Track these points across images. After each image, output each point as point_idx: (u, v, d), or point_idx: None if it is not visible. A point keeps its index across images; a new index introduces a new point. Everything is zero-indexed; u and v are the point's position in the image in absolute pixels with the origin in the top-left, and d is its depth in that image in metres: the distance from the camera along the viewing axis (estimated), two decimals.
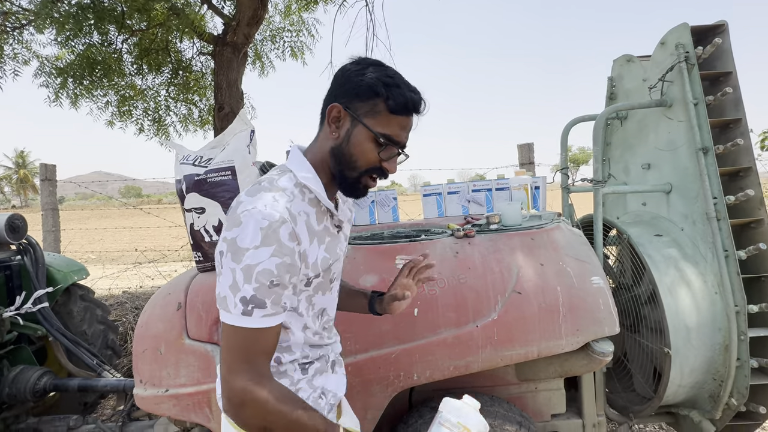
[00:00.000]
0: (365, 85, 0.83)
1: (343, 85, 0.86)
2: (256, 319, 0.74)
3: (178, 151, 1.66)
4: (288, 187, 0.84)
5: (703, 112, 1.55)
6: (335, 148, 0.87)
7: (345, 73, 0.86)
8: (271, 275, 0.73)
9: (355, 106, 0.84)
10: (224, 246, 0.74)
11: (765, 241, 1.47)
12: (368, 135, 0.84)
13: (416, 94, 0.86)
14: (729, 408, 1.53)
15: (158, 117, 4.27)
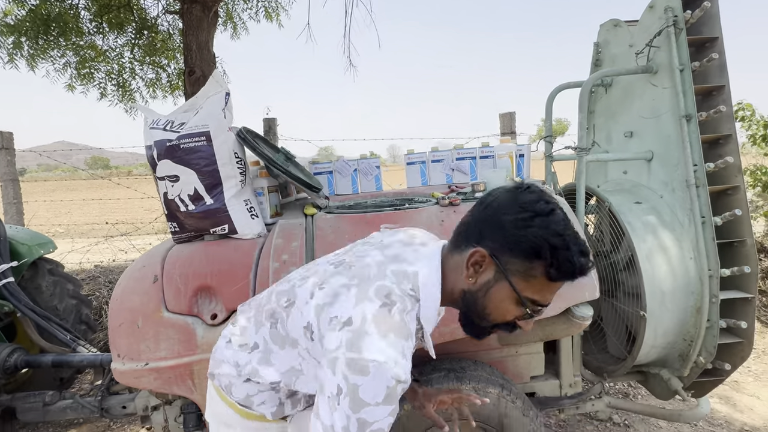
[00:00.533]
0: (527, 243, 0.72)
1: (497, 230, 0.76)
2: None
3: (147, 115, 1.55)
4: (413, 330, 0.76)
5: (689, 79, 1.55)
6: (469, 293, 0.81)
7: (501, 216, 0.76)
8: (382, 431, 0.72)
9: (505, 259, 0.75)
10: (344, 384, 0.69)
11: (740, 207, 1.51)
12: (512, 295, 0.76)
13: (586, 256, 0.74)
14: (697, 366, 1.62)
15: (122, 81, 3.98)
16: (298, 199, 2.02)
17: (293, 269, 1.45)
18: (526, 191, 0.78)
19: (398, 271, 0.81)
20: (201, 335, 1.47)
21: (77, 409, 2.01)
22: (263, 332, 0.93)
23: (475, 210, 0.83)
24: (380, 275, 0.80)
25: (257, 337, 0.94)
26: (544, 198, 0.76)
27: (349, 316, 0.74)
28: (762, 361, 2.86)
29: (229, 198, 1.49)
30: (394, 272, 0.80)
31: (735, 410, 2.34)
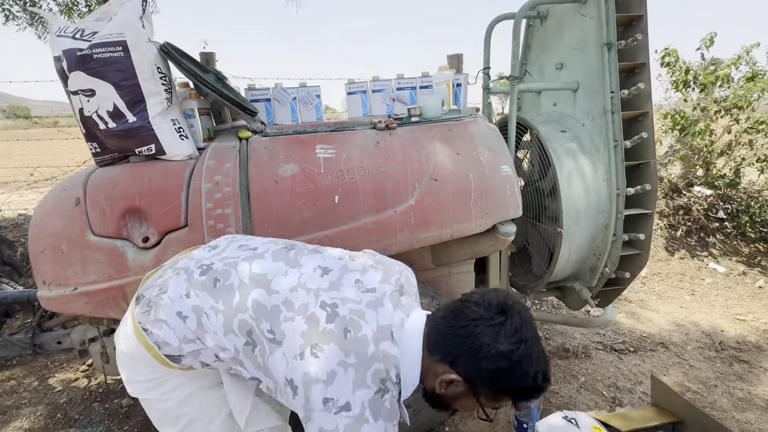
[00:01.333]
0: (502, 389, 0.82)
1: (475, 369, 0.81)
2: None
3: (52, 22, 1.40)
4: (398, 413, 0.85)
5: (612, 7, 1.62)
6: (438, 394, 0.87)
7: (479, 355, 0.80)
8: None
9: (481, 390, 0.83)
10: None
11: (648, 131, 1.65)
12: (475, 404, 0.85)
13: (547, 380, 0.82)
14: (603, 276, 1.83)
15: (30, 1, 3.47)
16: (234, 126, 1.95)
17: (227, 190, 1.45)
18: (504, 324, 0.80)
19: (388, 353, 0.84)
20: (132, 258, 1.44)
21: (6, 347, 1.93)
22: (235, 342, 0.89)
23: (454, 320, 0.85)
24: (376, 356, 0.82)
25: (226, 341, 0.90)
26: (520, 334, 0.80)
27: (347, 401, 0.78)
28: (665, 284, 3.27)
29: (154, 116, 1.42)
30: (385, 354, 0.83)
31: (638, 322, 2.70)
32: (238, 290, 0.91)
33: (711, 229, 3.86)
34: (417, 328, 0.89)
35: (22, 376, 2.21)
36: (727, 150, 3.81)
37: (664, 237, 3.79)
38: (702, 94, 3.75)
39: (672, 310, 2.87)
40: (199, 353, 0.93)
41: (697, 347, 2.40)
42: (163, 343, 0.92)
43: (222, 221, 1.43)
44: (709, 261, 3.57)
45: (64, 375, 2.21)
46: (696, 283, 3.26)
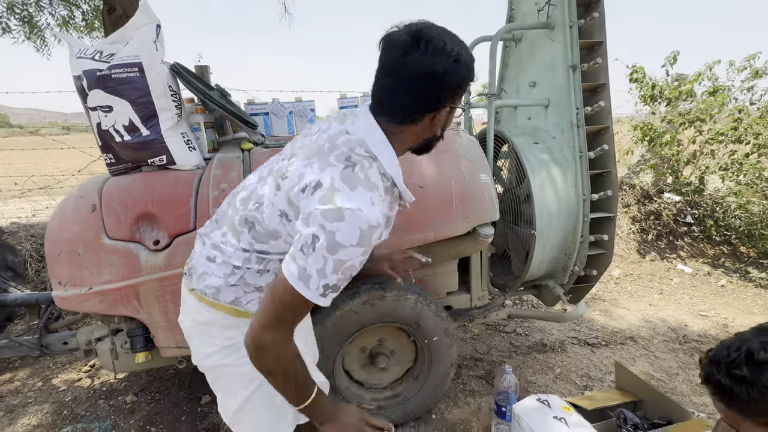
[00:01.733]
0: (469, 77, 0.86)
1: (451, 89, 0.85)
2: (328, 299, 0.83)
3: (73, 44, 1.54)
4: (379, 184, 0.86)
5: (576, 34, 1.82)
6: (432, 137, 0.94)
7: (444, 74, 0.81)
8: (354, 269, 0.82)
9: (455, 101, 0.89)
10: (321, 233, 0.78)
11: (608, 144, 1.86)
12: (453, 112, 0.91)
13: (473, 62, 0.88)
14: (573, 274, 2.01)
15: (28, 16, 3.57)
16: (235, 138, 2.09)
17: None
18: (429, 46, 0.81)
19: (348, 140, 0.88)
20: (144, 259, 1.57)
21: (14, 348, 2.02)
22: (245, 238, 0.97)
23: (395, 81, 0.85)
24: (334, 147, 0.87)
25: (243, 244, 0.97)
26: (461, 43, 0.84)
27: (318, 179, 0.82)
28: (636, 284, 3.50)
29: (166, 129, 1.56)
30: (344, 142, 0.87)
31: (610, 319, 2.90)
32: (230, 207, 1.03)
33: (679, 233, 4.12)
34: (364, 112, 0.92)
35: (26, 377, 2.29)
36: (693, 159, 4.09)
37: (636, 240, 4.04)
38: (668, 107, 4.03)
39: (642, 307, 3.09)
40: (243, 279, 0.99)
41: (662, 341, 2.61)
42: (216, 291, 1.00)
43: None
44: (677, 262, 3.81)
45: (67, 375, 2.30)
46: (665, 283, 3.50)
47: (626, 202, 4.37)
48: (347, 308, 1.67)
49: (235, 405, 1.10)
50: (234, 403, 1.10)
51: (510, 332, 2.70)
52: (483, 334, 2.70)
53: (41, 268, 3.19)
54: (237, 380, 1.07)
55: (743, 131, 3.68)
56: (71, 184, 5.21)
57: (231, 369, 1.07)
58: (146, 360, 1.76)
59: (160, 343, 1.67)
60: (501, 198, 2.18)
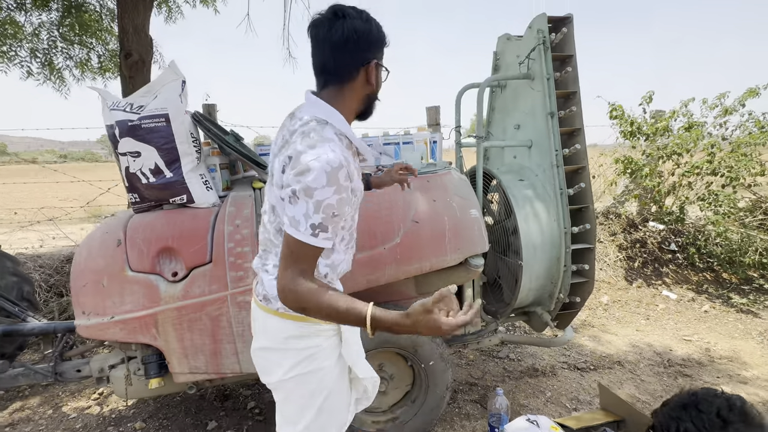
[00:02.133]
0: (382, 39, 1.04)
1: (371, 44, 1.02)
2: (320, 240, 0.95)
3: (106, 97, 1.74)
4: (334, 138, 0.98)
5: (552, 85, 2.05)
6: (371, 94, 1.08)
7: (363, 32, 0.99)
8: (333, 207, 0.93)
9: (377, 56, 1.04)
10: (297, 185, 0.92)
11: (585, 182, 2.05)
12: (383, 70, 1.08)
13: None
14: (559, 301, 2.17)
15: (49, 60, 3.82)
16: (246, 177, 2.27)
17: (245, 231, 1.75)
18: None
19: (301, 123, 1.01)
20: (164, 290, 1.71)
21: (29, 376, 2.11)
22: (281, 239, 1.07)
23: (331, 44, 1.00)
24: (293, 133, 1.01)
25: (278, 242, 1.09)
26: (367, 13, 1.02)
27: (287, 155, 0.97)
28: (624, 310, 3.64)
29: (187, 172, 1.73)
30: (300, 126, 1.01)
31: (599, 344, 3.03)
32: (263, 233, 1.17)
33: (664, 260, 4.30)
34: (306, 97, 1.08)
35: (37, 405, 2.36)
36: (673, 190, 4.33)
37: (623, 268, 4.21)
38: (647, 141, 4.30)
39: (629, 333, 3.22)
40: None
41: (648, 365, 2.73)
42: (275, 298, 1.08)
43: (241, 258, 1.72)
44: (662, 289, 3.97)
45: (77, 403, 2.37)
46: (651, 309, 3.64)
47: (613, 230, 4.57)
48: None
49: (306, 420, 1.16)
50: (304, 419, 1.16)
51: (503, 358, 2.81)
52: (477, 359, 2.81)
53: (49, 297, 3.28)
54: (317, 388, 1.15)
55: (717, 164, 3.93)
56: (78, 215, 5.35)
57: (309, 377, 1.13)
58: (159, 386, 1.86)
59: (174, 369, 1.78)
60: (491, 230, 2.36)
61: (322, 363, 1.15)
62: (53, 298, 3.27)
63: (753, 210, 4.22)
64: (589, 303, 3.71)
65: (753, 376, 2.60)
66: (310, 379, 1.14)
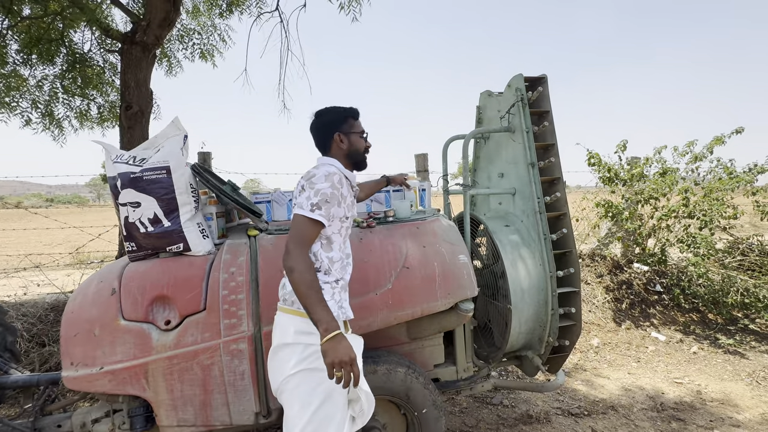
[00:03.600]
0: (340, 117, 1.56)
1: (326, 127, 1.56)
2: (316, 214, 1.37)
3: (110, 151, 1.82)
4: (333, 167, 1.50)
5: (532, 138, 2.21)
6: (347, 153, 1.57)
7: (325, 121, 1.56)
8: (327, 195, 1.39)
9: (342, 128, 1.55)
10: (306, 185, 1.41)
11: (567, 227, 2.16)
12: (357, 136, 1.58)
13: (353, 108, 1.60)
14: (548, 344, 2.20)
15: (49, 110, 3.94)
16: (240, 224, 2.33)
17: (240, 279, 1.79)
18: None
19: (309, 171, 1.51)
20: (156, 338, 1.71)
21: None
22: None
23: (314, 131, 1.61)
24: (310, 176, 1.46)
25: None
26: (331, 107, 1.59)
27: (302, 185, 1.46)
28: (614, 352, 3.65)
29: (185, 221, 1.79)
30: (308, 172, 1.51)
31: (592, 388, 3.01)
32: None
33: (651, 301, 4.37)
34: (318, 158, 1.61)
35: None
36: (653, 232, 4.49)
37: (611, 309, 4.26)
38: (625, 186, 4.51)
39: (621, 376, 3.22)
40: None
41: (641, 409, 2.72)
42: (290, 293, 1.43)
43: (235, 305, 1.74)
44: (651, 330, 4.01)
45: None
46: (641, 351, 3.66)
47: (599, 272, 4.66)
48: None
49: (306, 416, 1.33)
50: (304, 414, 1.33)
51: (497, 404, 2.78)
52: (471, 406, 2.77)
53: (30, 348, 3.18)
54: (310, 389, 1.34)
55: (692, 208, 4.12)
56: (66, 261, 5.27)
57: (311, 375, 1.35)
58: None
59: (162, 421, 1.74)
60: (480, 273, 2.42)
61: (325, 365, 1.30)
62: (35, 348, 3.17)
63: (731, 251, 4.37)
64: (580, 346, 3.72)
65: (746, 419, 2.60)
66: (312, 376, 1.35)
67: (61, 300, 3.75)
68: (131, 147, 3.64)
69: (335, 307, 1.45)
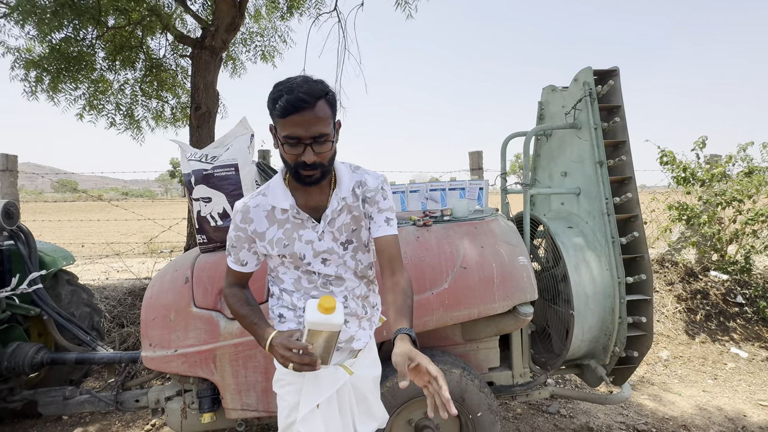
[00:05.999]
0: (269, 105, 1.08)
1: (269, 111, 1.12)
2: (229, 260, 1.28)
3: (185, 149, 1.95)
4: (261, 190, 1.24)
5: (600, 135, 2.08)
6: (281, 156, 1.14)
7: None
8: (231, 239, 1.25)
9: (272, 123, 1.11)
10: None
11: (638, 231, 2.01)
12: (279, 141, 1.09)
13: (292, 94, 1.02)
14: (614, 355, 2.06)
15: (130, 112, 4.34)
16: None
17: None
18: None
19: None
20: (223, 326, 1.81)
21: (94, 403, 2.25)
22: None
23: None
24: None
25: None
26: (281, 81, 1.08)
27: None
28: (687, 367, 3.36)
29: None
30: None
31: (660, 404, 2.79)
32: None
33: (731, 314, 3.97)
34: None
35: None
36: (735, 238, 4.07)
37: (683, 320, 3.92)
38: (703, 187, 4.12)
39: (694, 393, 2.95)
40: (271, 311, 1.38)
41: (719, 431, 2.48)
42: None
43: None
44: (730, 345, 3.64)
45: None
46: (718, 368, 3.34)
47: (670, 279, 4.31)
48: (395, 380, 1.80)
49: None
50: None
51: (554, 413, 2.66)
52: (526, 413, 2.67)
53: (112, 328, 3.51)
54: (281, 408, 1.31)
55: None
56: (140, 250, 5.79)
57: (279, 399, 1.31)
58: (211, 420, 1.93)
59: (227, 404, 1.84)
60: (538, 276, 2.32)
61: (285, 396, 1.28)
62: (115, 328, 3.50)
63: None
64: (648, 358, 3.46)
65: None
66: (279, 400, 1.31)
67: (137, 285, 4.11)
68: (200, 145, 3.90)
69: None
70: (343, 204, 1.22)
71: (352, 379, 1.29)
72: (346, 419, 1.28)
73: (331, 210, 1.20)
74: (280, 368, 1.29)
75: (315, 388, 1.23)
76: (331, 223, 1.21)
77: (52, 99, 3.85)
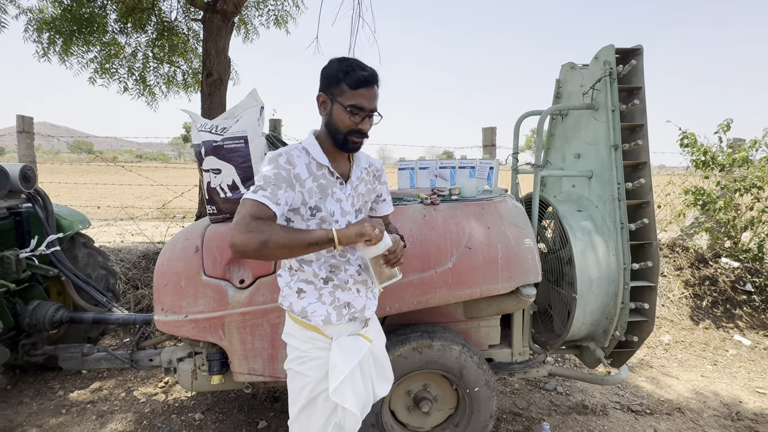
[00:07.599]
0: (332, 75, 1.22)
1: (321, 79, 1.26)
2: (259, 195, 1.14)
3: (195, 119, 1.95)
4: (294, 147, 1.29)
5: (618, 117, 2.01)
6: (326, 122, 1.27)
7: (322, 75, 1.26)
8: (269, 178, 1.17)
9: (330, 91, 1.23)
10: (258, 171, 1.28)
11: (649, 217, 1.98)
12: (342, 108, 1.21)
13: (367, 71, 1.21)
14: (614, 338, 2.09)
15: (142, 77, 4.32)
16: None
17: None
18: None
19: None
20: (231, 295, 1.87)
21: (110, 360, 2.37)
22: None
23: None
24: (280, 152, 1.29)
25: None
26: (343, 57, 1.24)
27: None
28: (687, 351, 3.39)
29: None
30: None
31: (657, 387, 2.84)
32: None
33: (738, 301, 3.95)
34: None
35: (112, 387, 2.64)
36: (751, 225, 3.98)
37: (689, 306, 3.91)
38: (722, 172, 4.00)
39: (692, 378, 2.99)
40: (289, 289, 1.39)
41: (713, 415, 2.53)
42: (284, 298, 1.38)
43: None
44: (734, 333, 3.65)
45: (146, 389, 2.62)
46: (719, 354, 3.36)
47: (679, 264, 4.28)
48: (397, 353, 1.86)
49: (293, 412, 1.37)
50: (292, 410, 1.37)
51: (551, 390, 2.73)
52: (523, 389, 2.75)
53: (127, 289, 3.65)
54: (297, 389, 1.34)
55: None
56: (154, 215, 5.92)
57: (296, 377, 1.35)
58: (219, 382, 2.02)
59: (235, 368, 1.93)
60: (544, 258, 2.33)
61: (309, 372, 1.32)
62: (130, 290, 3.63)
63: None
64: (649, 341, 3.49)
65: None
66: (298, 378, 1.34)
67: (150, 249, 4.22)
68: (211, 112, 3.89)
69: (334, 314, 1.32)
70: (361, 174, 1.38)
71: (370, 347, 1.39)
72: (367, 383, 1.40)
73: (356, 177, 1.36)
74: (302, 345, 1.33)
75: (343, 358, 1.30)
76: (354, 188, 1.35)
77: (64, 62, 3.85)
